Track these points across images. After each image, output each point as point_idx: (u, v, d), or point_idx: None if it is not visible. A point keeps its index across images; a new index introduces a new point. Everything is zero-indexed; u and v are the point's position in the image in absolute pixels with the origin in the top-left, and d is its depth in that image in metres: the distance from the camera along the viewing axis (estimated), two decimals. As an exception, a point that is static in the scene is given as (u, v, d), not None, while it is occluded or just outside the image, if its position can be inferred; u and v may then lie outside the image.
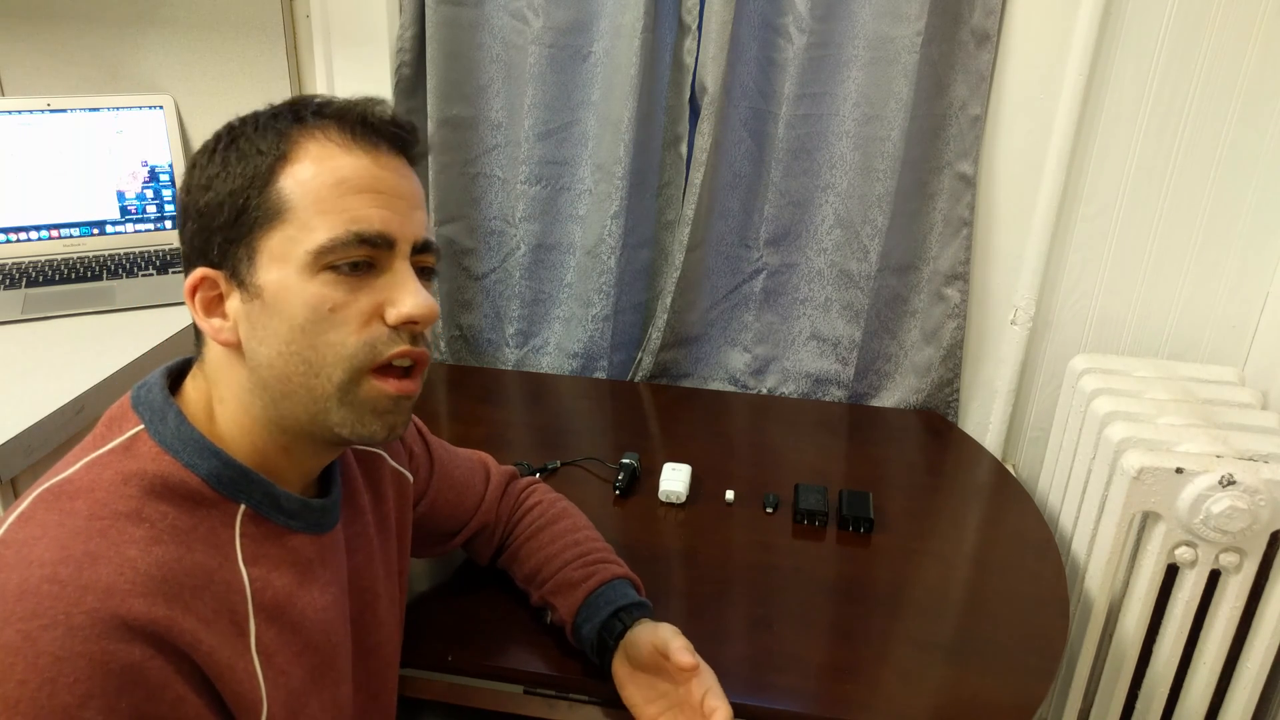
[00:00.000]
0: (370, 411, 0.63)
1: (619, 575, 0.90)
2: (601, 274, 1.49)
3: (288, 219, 0.60)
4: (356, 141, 0.62)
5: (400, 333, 0.63)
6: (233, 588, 0.59)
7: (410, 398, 0.65)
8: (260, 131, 0.62)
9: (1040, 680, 0.91)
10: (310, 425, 0.63)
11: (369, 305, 0.62)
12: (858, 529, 1.14)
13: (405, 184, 0.64)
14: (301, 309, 0.60)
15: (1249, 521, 1.08)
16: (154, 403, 0.62)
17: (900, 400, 1.51)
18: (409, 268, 0.64)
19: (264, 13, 1.48)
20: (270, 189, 0.60)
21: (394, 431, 0.65)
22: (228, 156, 0.62)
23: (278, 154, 0.61)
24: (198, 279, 0.62)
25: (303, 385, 0.61)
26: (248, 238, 0.61)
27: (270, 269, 0.60)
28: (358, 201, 0.61)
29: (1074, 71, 1.30)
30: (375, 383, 0.62)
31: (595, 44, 1.41)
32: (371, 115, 0.63)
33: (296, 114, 0.63)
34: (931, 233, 1.44)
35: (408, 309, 0.62)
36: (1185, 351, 1.42)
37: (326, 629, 0.67)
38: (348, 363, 0.61)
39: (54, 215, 1.45)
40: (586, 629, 0.87)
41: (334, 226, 0.60)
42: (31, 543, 0.53)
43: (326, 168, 0.61)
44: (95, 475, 0.58)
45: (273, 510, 0.64)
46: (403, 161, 0.65)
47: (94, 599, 0.51)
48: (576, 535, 0.94)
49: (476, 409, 1.44)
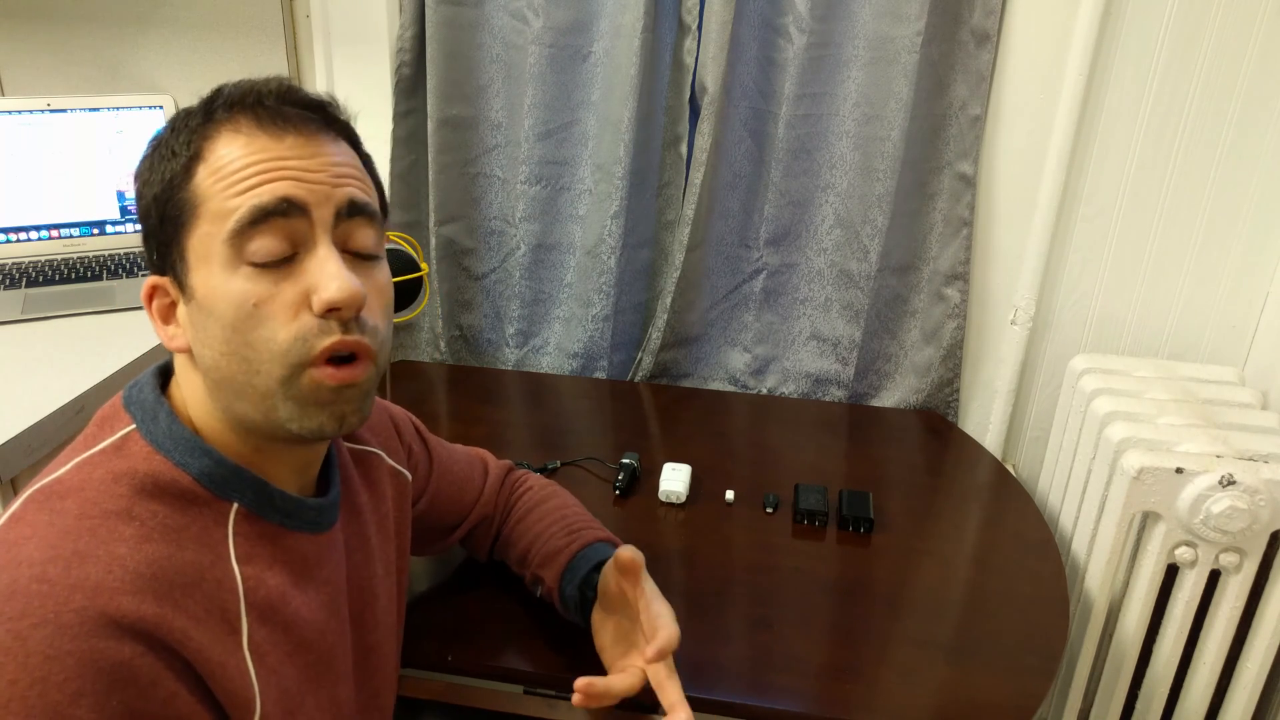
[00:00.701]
0: (313, 404, 0.60)
1: (602, 538, 0.90)
2: (601, 274, 1.49)
3: (202, 214, 0.59)
4: (262, 128, 0.60)
5: (329, 321, 0.60)
6: (224, 586, 0.59)
7: (354, 385, 0.62)
8: (176, 133, 0.61)
9: (1040, 680, 0.91)
10: (265, 424, 0.61)
11: (294, 295, 0.59)
12: (858, 529, 1.14)
13: (321, 159, 0.61)
14: (228, 308, 0.59)
15: (1249, 521, 1.08)
16: (145, 402, 0.62)
17: (900, 400, 1.51)
18: (331, 248, 0.60)
19: (264, 13, 1.48)
20: (186, 187, 0.59)
21: (345, 422, 0.62)
22: (152, 162, 0.61)
23: (190, 154, 0.60)
24: (150, 288, 0.62)
25: (247, 384, 0.60)
26: (175, 240, 0.60)
27: (198, 270, 0.59)
28: (260, 181, 0.59)
29: (1074, 71, 1.30)
30: (314, 374, 0.60)
31: (595, 44, 1.41)
32: (266, 95, 0.61)
33: (208, 110, 0.61)
34: (931, 233, 1.44)
35: (327, 294, 0.59)
36: (1185, 351, 1.42)
37: (322, 628, 0.67)
38: (282, 359, 0.59)
39: (54, 215, 1.45)
40: (569, 590, 0.87)
41: (239, 209, 0.58)
42: (21, 542, 0.53)
43: (233, 159, 0.59)
44: (86, 475, 0.58)
45: (267, 509, 0.63)
46: (325, 139, 0.62)
47: (83, 597, 0.51)
48: (564, 511, 0.94)
49: (476, 409, 1.44)
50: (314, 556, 0.67)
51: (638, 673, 0.79)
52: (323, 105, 0.64)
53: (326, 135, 0.62)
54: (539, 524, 0.93)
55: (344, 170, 0.62)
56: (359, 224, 0.63)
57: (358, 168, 0.64)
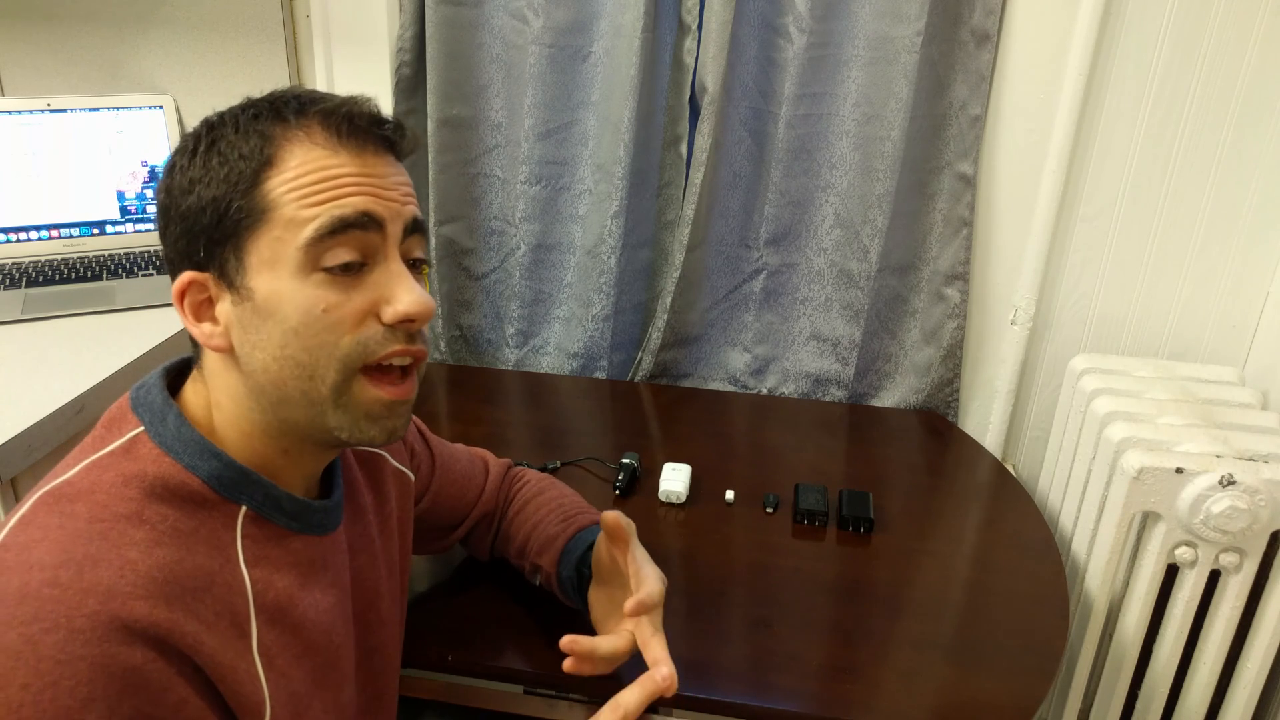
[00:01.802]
0: (365, 416, 0.62)
1: (596, 521, 0.91)
2: (601, 274, 1.49)
3: (273, 220, 0.59)
4: (342, 142, 0.61)
5: (396, 331, 0.62)
6: (234, 590, 0.59)
7: (406, 402, 0.64)
8: (242, 134, 0.61)
9: (1040, 680, 0.91)
10: (309, 429, 0.62)
11: (363, 304, 0.61)
12: (858, 529, 1.14)
13: (392, 179, 0.63)
14: (294, 312, 0.59)
15: (1249, 521, 1.08)
16: (153, 404, 0.62)
17: (900, 400, 1.51)
18: (401, 262, 0.63)
19: (264, 13, 1.48)
20: (255, 191, 0.59)
21: (394, 435, 0.64)
22: (209, 159, 0.60)
23: (262, 158, 0.60)
24: (185, 283, 0.62)
25: (298, 390, 0.61)
26: (234, 240, 0.60)
27: (261, 273, 0.59)
28: (341, 194, 0.60)
29: (1074, 71, 1.30)
30: (370, 388, 0.62)
31: (595, 44, 1.41)
32: (357, 115, 0.62)
33: (278, 113, 0.61)
34: (931, 233, 1.44)
35: (404, 306, 0.61)
36: (1185, 351, 1.42)
37: (329, 630, 0.67)
38: (340, 363, 0.60)
39: (54, 215, 1.45)
40: (566, 572, 0.87)
41: (318, 218, 0.59)
42: (32, 546, 0.53)
43: (311, 168, 0.60)
44: (95, 477, 0.58)
45: (274, 512, 0.63)
46: (390, 159, 0.65)
47: (95, 602, 0.51)
48: (560, 500, 0.95)
49: (476, 409, 1.44)
50: (319, 558, 0.67)
51: (626, 635, 0.79)
52: (398, 126, 0.66)
53: (392, 155, 0.65)
54: (536, 514, 0.94)
55: (407, 190, 0.65)
56: (417, 240, 0.66)
57: (411, 186, 0.67)
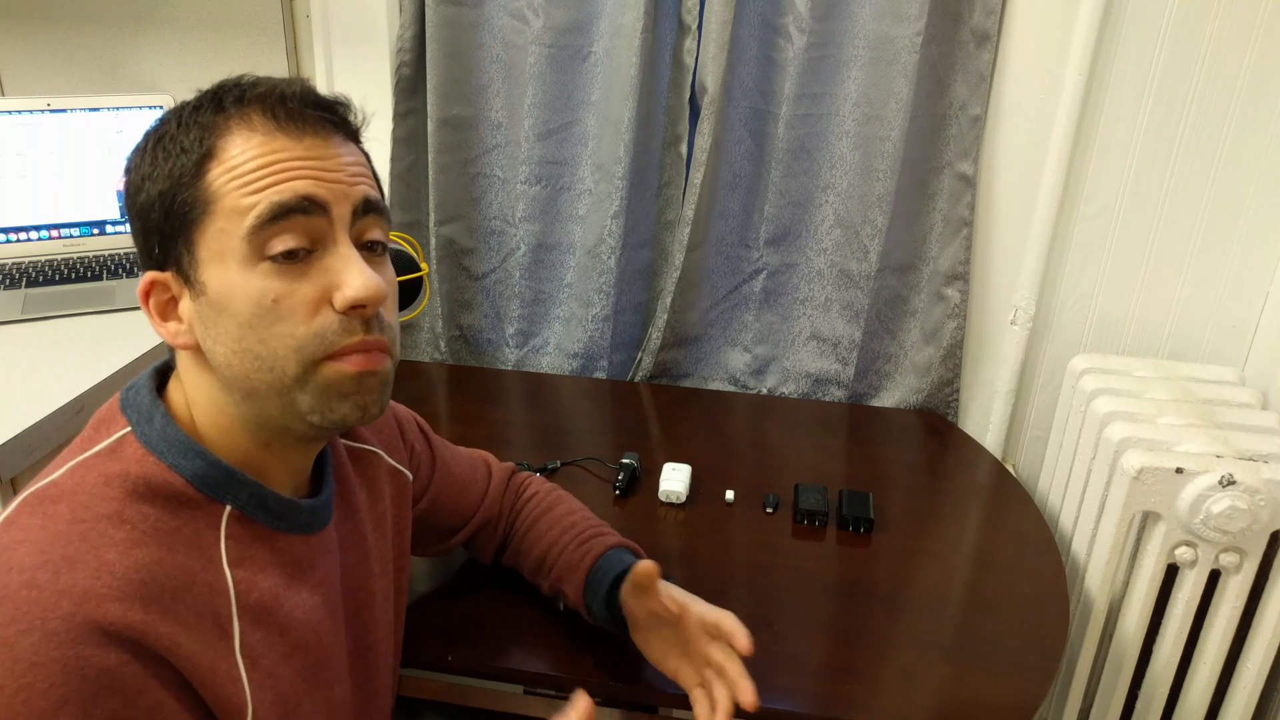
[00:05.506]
0: (335, 395, 0.61)
1: (612, 545, 0.90)
2: (601, 274, 1.49)
3: (216, 211, 0.58)
4: (280, 127, 0.60)
5: (352, 320, 0.60)
6: (215, 590, 0.59)
7: (375, 373, 0.62)
8: (184, 127, 0.60)
9: (1040, 680, 0.91)
10: (283, 419, 0.62)
11: (314, 292, 0.59)
12: (858, 529, 1.14)
13: (338, 160, 0.62)
14: (245, 305, 0.58)
15: (1249, 521, 1.08)
16: (141, 404, 0.62)
17: (900, 400, 1.51)
18: (351, 246, 0.61)
19: (264, 13, 1.48)
20: (198, 184, 0.59)
21: (367, 412, 0.63)
22: (155, 155, 0.60)
23: (202, 150, 0.59)
24: (148, 283, 0.61)
25: (262, 382, 0.60)
26: (184, 235, 0.59)
27: (211, 266, 0.59)
28: (280, 179, 0.59)
29: (1074, 71, 1.29)
30: (334, 364, 0.60)
31: (595, 44, 1.41)
32: (290, 97, 0.60)
33: (218, 104, 0.60)
34: (931, 233, 1.44)
35: (351, 291, 0.59)
36: (1185, 351, 1.42)
37: (317, 629, 0.66)
38: (297, 355, 0.59)
39: (54, 215, 1.45)
40: (596, 607, 0.87)
41: (258, 205, 0.58)
42: (13, 547, 0.53)
43: (250, 155, 0.59)
44: (80, 478, 0.57)
45: (260, 511, 0.63)
46: (338, 139, 0.63)
47: (70, 604, 0.51)
48: (572, 518, 0.94)
49: (476, 409, 1.44)
50: (307, 558, 0.67)
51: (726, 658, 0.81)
52: (342, 109, 0.64)
53: (338, 136, 0.63)
54: (549, 533, 0.93)
55: (357, 170, 0.63)
56: (371, 220, 0.64)
57: (366, 166, 0.65)
